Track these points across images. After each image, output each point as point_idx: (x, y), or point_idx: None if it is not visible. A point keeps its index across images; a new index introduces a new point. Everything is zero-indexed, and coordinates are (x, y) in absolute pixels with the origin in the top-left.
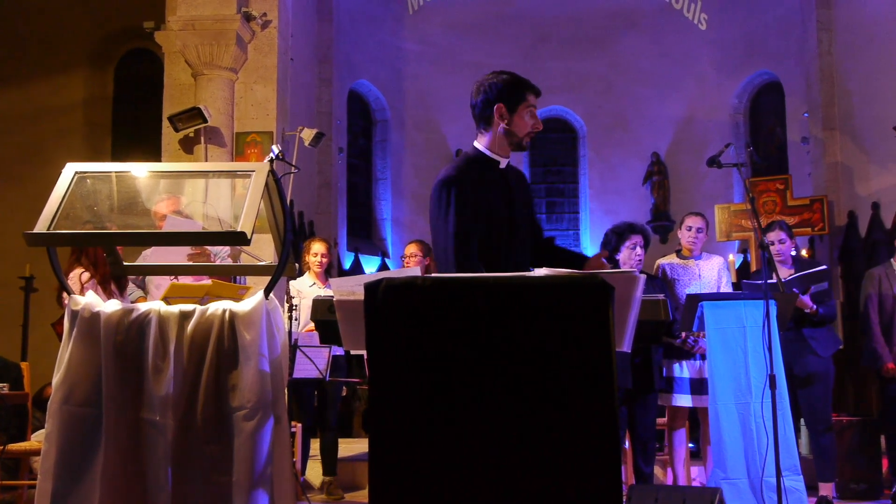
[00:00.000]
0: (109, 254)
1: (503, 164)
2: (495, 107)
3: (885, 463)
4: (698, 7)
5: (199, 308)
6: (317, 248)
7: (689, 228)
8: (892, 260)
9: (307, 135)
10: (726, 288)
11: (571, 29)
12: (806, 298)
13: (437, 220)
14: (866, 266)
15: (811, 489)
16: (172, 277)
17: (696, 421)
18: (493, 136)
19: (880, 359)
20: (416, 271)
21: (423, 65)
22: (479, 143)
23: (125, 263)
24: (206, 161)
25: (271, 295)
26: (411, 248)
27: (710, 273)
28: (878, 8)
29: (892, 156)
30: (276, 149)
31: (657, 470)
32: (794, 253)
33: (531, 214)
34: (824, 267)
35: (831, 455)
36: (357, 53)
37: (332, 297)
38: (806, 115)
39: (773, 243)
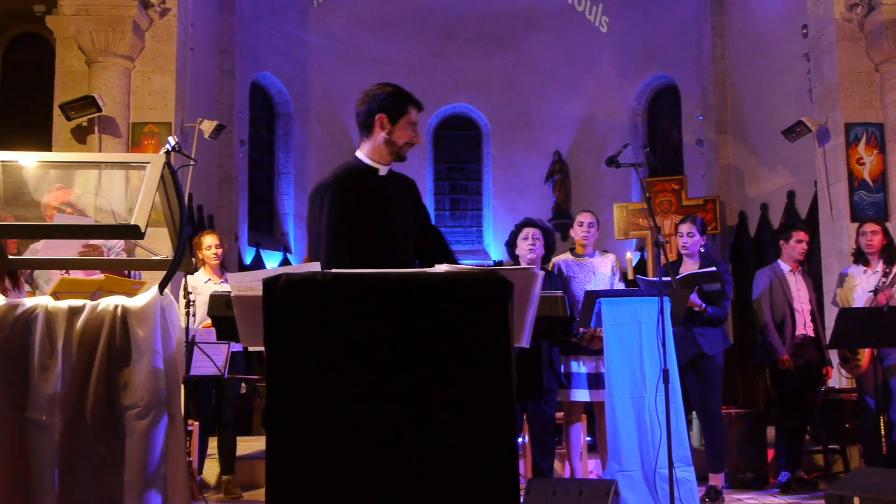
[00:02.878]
0: None
1: (383, 172)
2: (377, 116)
3: (770, 453)
4: (600, 10)
5: (89, 303)
6: (209, 240)
7: (581, 224)
8: (779, 260)
9: (207, 126)
10: (618, 285)
11: (476, 27)
12: (694, 298)
13: (311, 223)
14: (755, 264)
15: (702, 479)
16: (63, 272)
17: (592, 415)
18: (373, 144)
19: (776, 352)
20: (316, 267)
21: (328, 59)
22: (360, 152)
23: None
24: (100, 151)
25: (166, 290)
26: None
27: (604, 270)
28: (768, 16)
29: (781, 159)
30: (172, 140)
31: (556, 464)
32: (702, 250)
33: (422, 219)
34: (713, 269)
35: (721, 447)
36: (260, 45)
37: (230, 292)
38: (700, 118)
39: (682, 235)
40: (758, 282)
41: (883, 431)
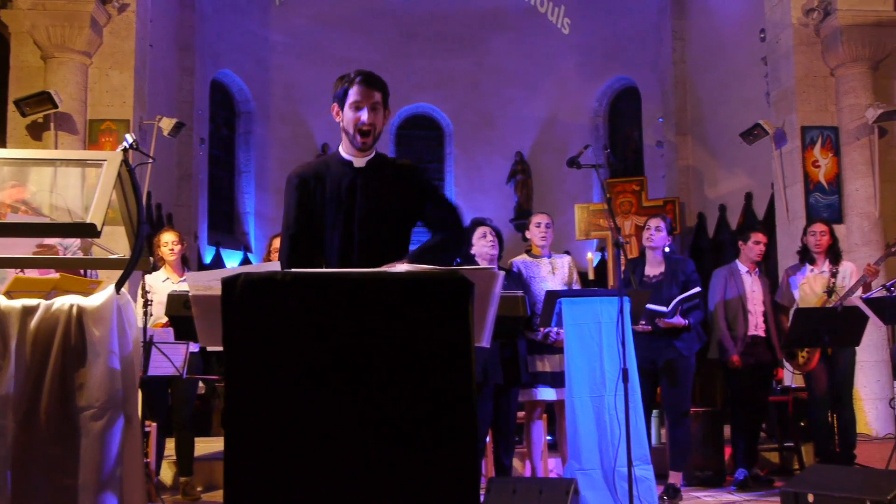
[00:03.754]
0: None
1: (359, 163)
2: (333, 109)
3: (728, 451)
4: (562, 12)
5: (44, 303)
6: (167, 237)
7: (538, 225)
8: (737, 261)
9: (166, 124)
10: (576, 286)
11: (439, 27)
12: (678, 320)
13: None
14: (714, 264)
15: (660, 477)
16: (18, 270)
17: (553, 414)
18: (343, 136)
19: (727, 352)
20: (276, 266)
21: (290, 57)
22: (341, 147)
23: None
24: (56, 148)
25: (123, 289)
26: (277, 243)
27: (563, 271)
28: (727, 21)
29: (738, 161)
30: (129, 137)
31: (516, 462)
32: (667, 249)
33: (405, 210)
34: (698, 289)
35: (685, 445)
36: (220, 42)
37: (188, 291)
38: (661, 119)
39: (649, 228)
40: (714, 281)
41: (836, 429)
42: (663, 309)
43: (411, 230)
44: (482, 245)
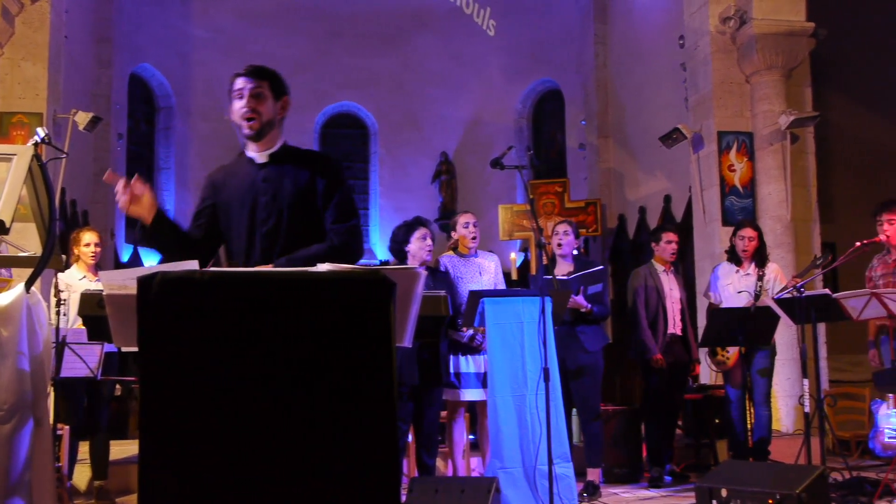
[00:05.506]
0: None
1: (260, 159)
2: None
3: (645, 448)
4: (487, 13)
5: None
6: (88, 237)
7: (467, 225)
8: (652, 260)
9: (82, 118)
10: (501, 285)
11: (365, 26)
12: (580, 299)
13: None
14: (634, 265)
15: (580, 475)
16: None
17: (474, 413)
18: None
19: (648, 350)
20: (195, 265)
21: (212, 52)
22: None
23: None
24: None
25: (33, 288)
26: None
27: (490, 270)
28: (648, 27)
29: (658, 164)
30: (41, 131)
31: (439, 462)
32: (576, 252)
33: (307, 200)
34: (601, 267)
35: (599, 443)
36: (140, 36)
37: (102, 290)
38: (583, 122)
39: (558, 234)
40: (633, 281)
41: (750, 425)
42: (564, 278)
43: (322, 218)
44: (420, 247)
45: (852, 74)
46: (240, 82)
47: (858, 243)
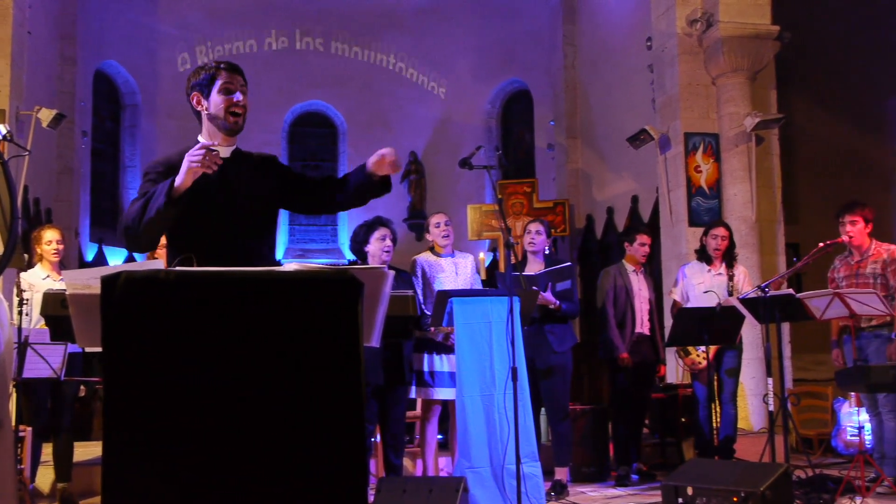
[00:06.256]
0: None
1: (225, 154)
2: (193, 99)
3: (612, 447)
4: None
5: None
6: (49, 235)
7: (438, 225)
8: (622, 260)
9: (45, 115)
10: (478, 284)
11: (335, 24)
12: (549, 296)
13: None
14: (601, 265)
15: (548, 474)
16: None
17: (445, 413)
18: (203, 128)
19: (616, 349)
20: (159, 264)
21: (179, 49)
22: (200, 137)
23: None
24: None
25: None
26: (163, 240)
27: (466, 269)
28: (616, 28)
29: (626, 165)
30: (3, 128)
31: (407, 462)
32: (547, 251)
33: (291, 184)
34: (569, 263)
35: (567, 442)
36: (105, 32)
37: (65, 290)
38: (552, 123)
39: (530, 232)
40: (603, 280)
41: (716, 424)
42: (531, 274)
43: (276, 221)
44: (379, 248)
45: (816, 77)
46: (226, 77)
47: (822, 244)
